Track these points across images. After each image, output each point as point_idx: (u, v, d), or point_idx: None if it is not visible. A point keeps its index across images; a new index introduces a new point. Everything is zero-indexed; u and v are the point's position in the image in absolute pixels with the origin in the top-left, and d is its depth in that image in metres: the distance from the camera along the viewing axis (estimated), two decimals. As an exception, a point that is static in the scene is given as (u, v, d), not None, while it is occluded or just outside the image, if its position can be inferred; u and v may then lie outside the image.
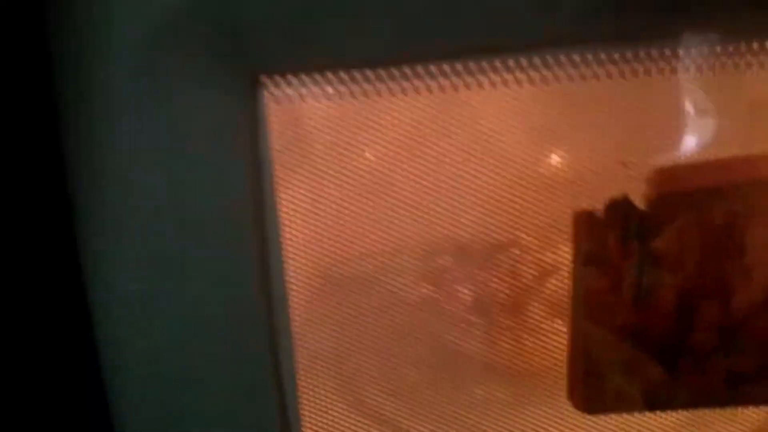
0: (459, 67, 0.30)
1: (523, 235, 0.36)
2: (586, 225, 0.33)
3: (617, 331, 0.34)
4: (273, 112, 0.31)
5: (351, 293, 0.36)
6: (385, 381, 0.38)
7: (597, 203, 0.33)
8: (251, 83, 0.30)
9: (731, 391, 0.34)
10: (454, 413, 0.38)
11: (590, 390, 0.34)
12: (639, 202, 0.33)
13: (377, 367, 0.38)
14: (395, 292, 0.37)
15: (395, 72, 0.30)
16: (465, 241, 0.36)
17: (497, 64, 0.30)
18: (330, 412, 0.37)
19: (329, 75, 0.30)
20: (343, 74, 0.30)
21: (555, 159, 0.36)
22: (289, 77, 0.30)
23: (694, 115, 0.33)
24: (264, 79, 0.30)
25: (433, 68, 0.30)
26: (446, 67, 0.30)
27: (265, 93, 0.30)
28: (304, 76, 0.30)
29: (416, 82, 0.31)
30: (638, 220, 0.32)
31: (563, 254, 0.35)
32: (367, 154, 0.34)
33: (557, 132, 0.35)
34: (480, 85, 0.31)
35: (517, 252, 0.37)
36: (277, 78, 0.30)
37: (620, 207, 0.32)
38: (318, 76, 0.30)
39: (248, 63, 0.29)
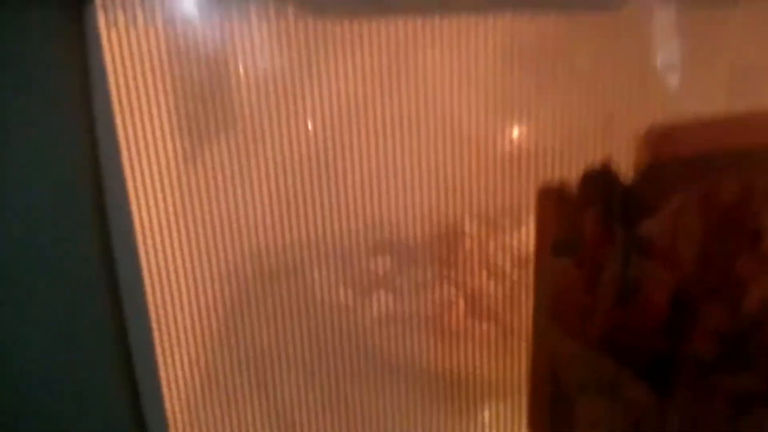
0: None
1: (474, 224, 0.30)
2: (554, 203, 0.25)
3: (593, 341, 0.27)
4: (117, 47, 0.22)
5: (278, 288, 0.30)
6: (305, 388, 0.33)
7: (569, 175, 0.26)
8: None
9: (737, 416, 0.27)
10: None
11: (557, 418, 0.27)
12: (624, 173, 0.25)
13: (296, 369, 0.32)
14: (318, 291, 0.31)
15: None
16: (408, 233, 0.30)
17: None
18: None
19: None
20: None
21: (519, 126, 0.29)
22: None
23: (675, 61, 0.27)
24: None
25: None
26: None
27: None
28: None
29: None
30: (623, 197, 0.26)
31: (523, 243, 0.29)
32: (309, 125, 0.28)
33: (521, 93, 0.29)
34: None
35: (467, 244, 0.31)
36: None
37: (599, 179, 0.25)
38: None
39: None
